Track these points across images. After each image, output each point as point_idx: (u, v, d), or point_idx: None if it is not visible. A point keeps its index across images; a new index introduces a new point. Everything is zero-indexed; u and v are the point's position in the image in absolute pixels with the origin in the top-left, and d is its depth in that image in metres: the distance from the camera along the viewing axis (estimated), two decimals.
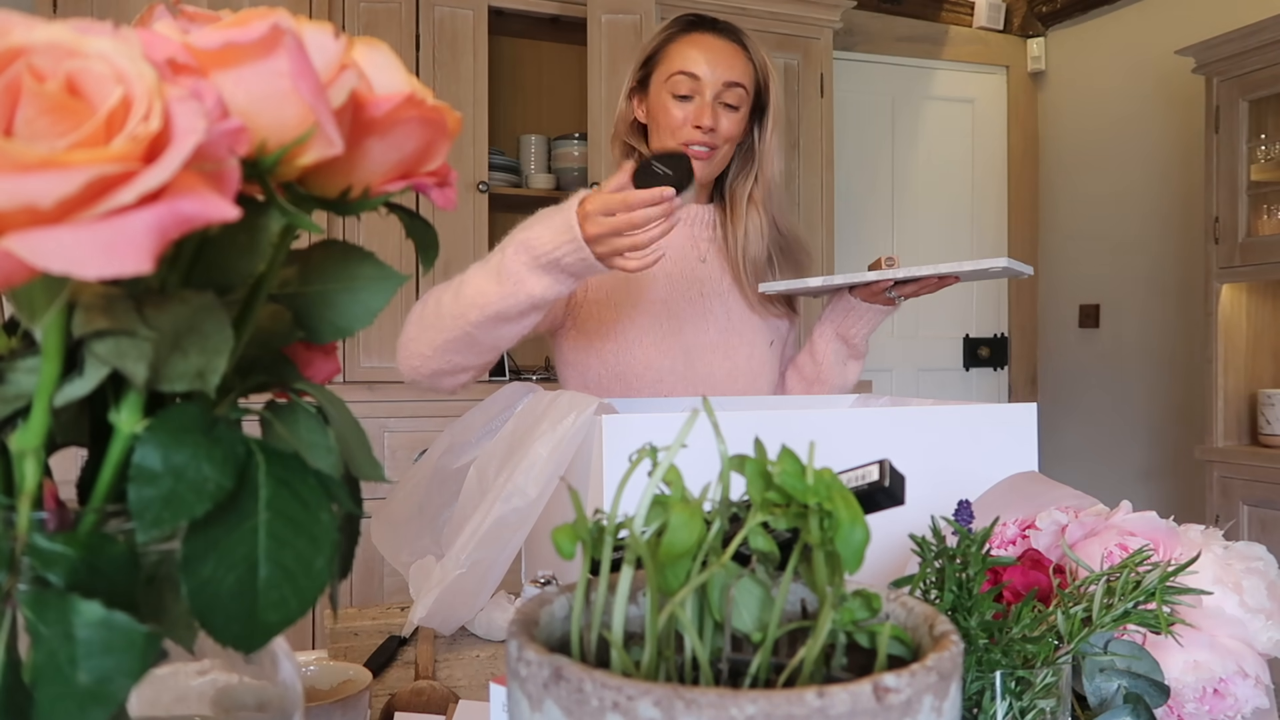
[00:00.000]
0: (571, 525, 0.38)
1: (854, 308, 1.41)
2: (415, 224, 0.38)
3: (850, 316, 1.42)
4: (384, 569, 2.54)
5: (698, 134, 1.35)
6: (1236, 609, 0.62)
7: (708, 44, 1.36)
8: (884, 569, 0.75)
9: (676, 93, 1.35)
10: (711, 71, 1.35)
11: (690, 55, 1.35)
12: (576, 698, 0.31)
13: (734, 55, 1.37)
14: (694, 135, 1.35)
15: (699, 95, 1.35)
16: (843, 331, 1.44)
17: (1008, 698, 0.53)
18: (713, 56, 1.36)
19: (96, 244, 0.25)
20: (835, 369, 1.46)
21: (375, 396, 2.58)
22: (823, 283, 1.31)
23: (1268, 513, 2.72)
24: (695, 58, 1.35)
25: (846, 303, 1.42)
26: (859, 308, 1.40)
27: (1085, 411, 3.81)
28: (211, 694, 0.37)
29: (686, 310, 1.41)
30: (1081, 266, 3.83)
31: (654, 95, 1.38)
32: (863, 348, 1.46)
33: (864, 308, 1.40)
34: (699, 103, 1.35)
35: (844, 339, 1.44)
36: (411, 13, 2.72)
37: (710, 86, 1.35)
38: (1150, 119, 3.53)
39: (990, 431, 0.97)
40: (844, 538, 0.36)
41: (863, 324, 1.42)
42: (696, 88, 1.35)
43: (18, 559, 0.30)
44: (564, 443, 0.90)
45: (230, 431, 0.32)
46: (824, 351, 1.46)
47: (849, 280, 1.30)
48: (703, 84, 1.35)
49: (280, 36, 0.31)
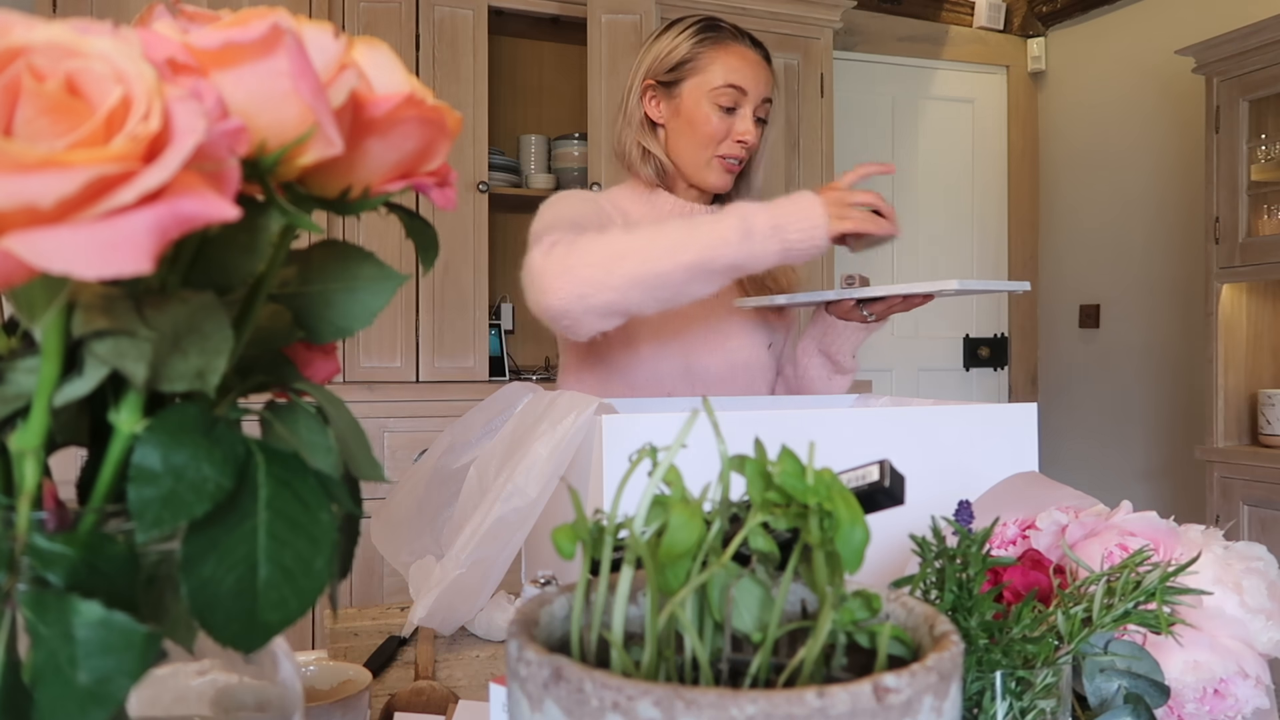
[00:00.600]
0: (571, 525, 0.38)
1: (833, 325, 1.41)
2: (415, 224, 0.38)
3: (830, 334, 1.42)
4: (384, 569, 2.54)
5: (739, 148, 1.38)
6: (1237, 609, 0.62)
7: (749, 58, 1.38)
8: (884, 569, 0.75)
9: (722, 104, 1.36)
10: (756, 86, 1.37)
11: (737, 69, 1.37)
12: (576, 698, 0.31)
13: (767, 71, 1.40)
14: (734, 149, 1.38)
15: (742, 109, 1.37)
16: (824, 348, 1.44)
17: (1008, 698, 0.53)
18: (755, 72, 1.38)
19: (96, 244, 0.25)
20: (820, 384, 1.47)
21: (375, 396, 2.58)
22: (787, 300, 1.32)
23: (1268, 513, 2.72)
24: (743, 72, 1.37)
25: (825, 320, 1.42)
26: (837, 325, 1.41)
27: (1085, 411, 3.81)
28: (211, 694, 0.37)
29: (688, 311, 1.40)
30: (1081, 266, 3.83)
31: (690, 101, 1.38)
32: (848, 364, 1.45)
33: (841, 325, 1.40)
34: (743, 116, 1.37)
35: (827, 355, 1.45)
36: (411, 13, 2.72)
37: (753, 101, 1.37)
38: (1150, 119, 3.53)
39: (990, 431, 0.97)
40: (844, 538, 0.36)
41: (843, 341, 1.42)
42: (741, 100, 1.37)
43: (18, 559, 0.30)
44: (564, 443, 0.90)
45: (230, 431, 0.32)
46: (807, 366, 1.47)
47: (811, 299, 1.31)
48: (748, 98, 1.37)
49: (280, 36, 0.31)
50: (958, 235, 3.95)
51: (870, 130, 3.79)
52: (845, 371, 1.46)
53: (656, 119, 1.41)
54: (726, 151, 1.38)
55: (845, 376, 1.47)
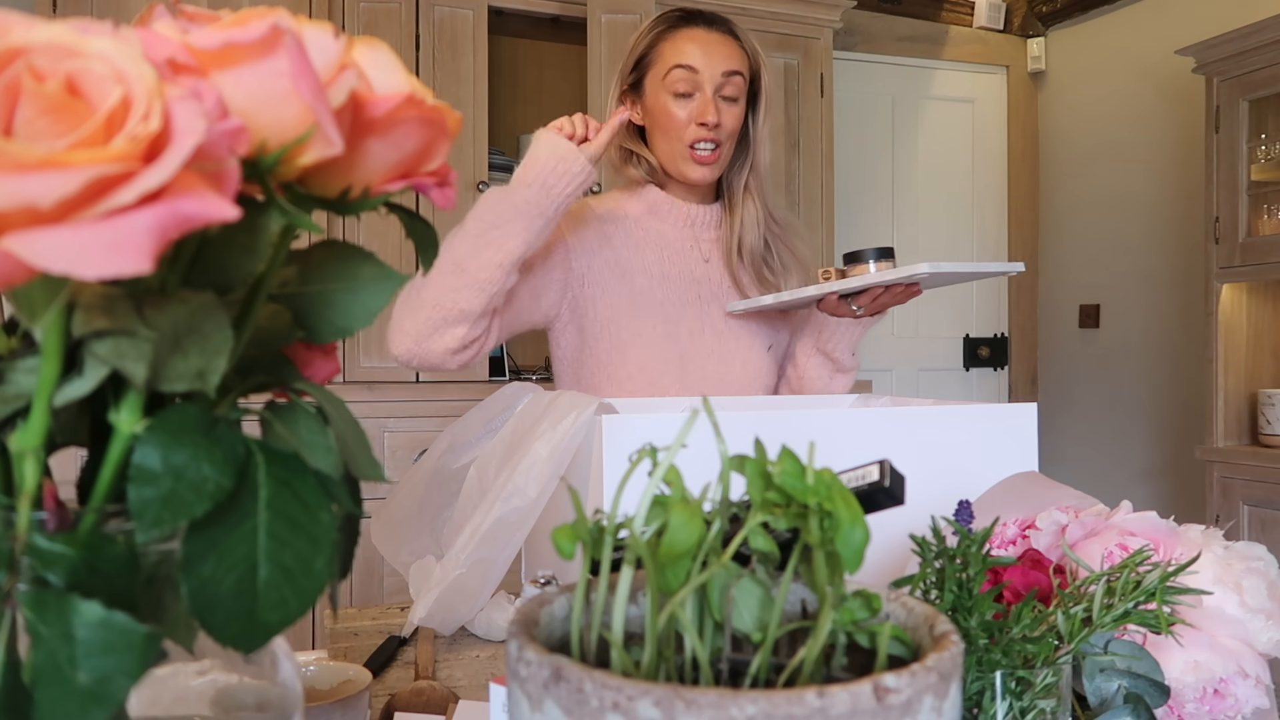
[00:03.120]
0: (571, 525, 0.38)
1: (825, 322, 1.39)
2: (415, 224, 0.38)
3: (825, 331, 1.40)
4: (384, 569, 2.54)
5: (703, 132, 1.34)
6: (1236, 609, 0.62)
7: (701, 37, 1.35)
8: (884, 569, 0.75)
9: (676, 90, 1.34)
10: (709, 63, 1.34)
11: (685, 49, 1.34)
12: (576, 698, 0.31)
13: (728, 45, 1.36)
14: (699, 134, 1.34)
15: (699, 91, 1.34)
16: (822, 346, 1.42)
17: (1008, 698, 0.53)
18: (708, 49, 1.34)
19: (96, 244, 0.25)
20: (820, 384, 1.44)
21: (375, 396, 2.58)
22: (774, 300, 1.31)
23: (1268, 513, 2.72)
24: (691, 51, 1.34)
25: (818, 318, 1.40)
26: (830, 322, 1.38)
27: (1085, 411, 3.81)
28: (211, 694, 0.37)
29: (683, 313, 1.39)
30: (1081, 266, 3.83)
31: (651, 96, 1.37)
32: (847, 362, 1.43)
33: (834, 322, 1.38)
34: (700, 99, 1.34)
35: (824, 353, 1.42)
36: (411, 13, 2.72)
37: (710, 80, 1.34)
38: (1150, 119, 3.53)
39: (990, 431, 0.97)
40: (844, 538, 0.36)
41: (839, 338, 1.39)
42: (696, 82, 1.34)
43: (18, 559, 0.30)
44: (564, 443, 0.90)
45: (230, 431, 0.32)
46: (806, 366, 1.44)
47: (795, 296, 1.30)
48: (701, 77, 1.33)
49: (280, 36, 0.31)
50: (958, 235, 3.95)
51: (870, 130, 3.79)
52: (846, 370, 1.44)
53: (636, 120, 1.40)
54: (693, 138, 1.34)
55: (846, 375, 1.45)
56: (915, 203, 3.87)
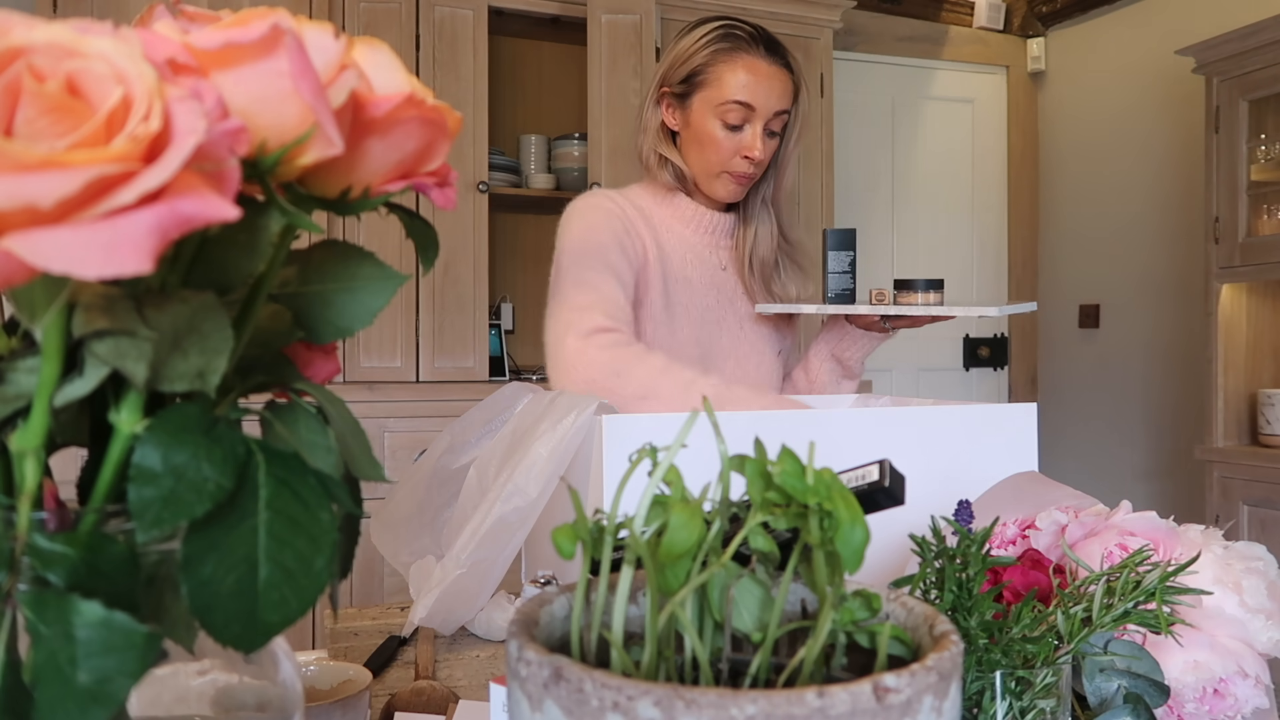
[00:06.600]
0: (571, 525, 0.38)
1: (849, 332, 1.45)
2: (415, 224, 0.38)
3: (845, 340, 1.46)
4: (384, 569, 2.54)
5: (745, 165, 1.35)
6: (1236, 609, 0.62)
7: (762, 70, 1.33)
8: (884, 569, 0.75)
9: (728, 121, 1.33)
10: (765, 102, 1.33)
11: (745, 83, 1.32)
12: (576, 698, 0.31)
13: (784, 81, 1.35)
14: (741, 166, 1.35)
15: (750, 125, 1.33)
16: (838, 353, 1.47)
17: (1008, 698, 0.53)
18: (767, 85, 1.33)
19: (96, 244, 0.25)
20: (829, 387, 1.50)
21: (375, 396, 2.58)
22: (816, 309, 1.37)
23: (1268, 513, 2.72)
24: (750, 86, 1.32)
25: (842, 327, 1.46)
26: (854, 333, 1.44)
27: (1085, 411, 3.81)
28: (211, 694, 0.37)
29: (705, 317, 1.42)
30: (1081, 266, 3.83)
31: (699, 116, 1.35)
32: (858, 369, 1.49)
33: (858, 333, 1.44)
34: (749, 133, 1.34)
35: (839, 360, 1.48)
36: (411, 13, 2.72)
37: (762, 118, 1.33)
38: (1150, 119, 3.53)
39: (990, 431, 0.97)
40: (844, 538, 0.36)
41: (857, 348, 1.46)
42: (748, 117, 1.33)
43: (18, 559, 0.30)
44: (564, 443, 0.90)
45: (230, 431, 0.32)
46: (818, 370, 1.50)
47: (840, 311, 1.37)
48: (756, 114, 1.33)
49: (280, 36, 0.31)
50: (958, 235, 3.95)
51: (870, 130, 3.79)
52: (854, 376, 1.50)
53: (673, 126, 1.40)
54: (734, 169, 1.35)
55: (853, 381, 1.51)
56: (915, 203, 3.87)
